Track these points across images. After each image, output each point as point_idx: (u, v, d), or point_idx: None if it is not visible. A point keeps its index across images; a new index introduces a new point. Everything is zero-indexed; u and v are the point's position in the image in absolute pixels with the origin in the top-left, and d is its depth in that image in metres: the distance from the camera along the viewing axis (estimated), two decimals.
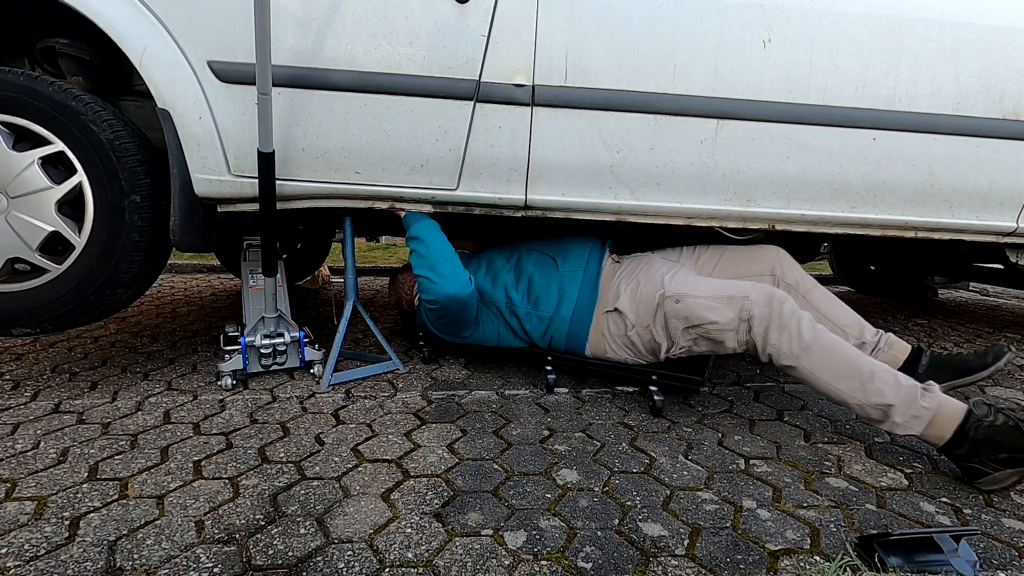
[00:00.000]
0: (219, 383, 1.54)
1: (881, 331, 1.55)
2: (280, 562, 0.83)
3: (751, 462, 1.18)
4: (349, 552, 0.85)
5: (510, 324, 1.62)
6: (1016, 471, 1.03)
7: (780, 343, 1.27)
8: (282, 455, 1.16)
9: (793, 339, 1.26)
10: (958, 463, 1.11)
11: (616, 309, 1.48)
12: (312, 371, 1.65)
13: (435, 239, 1.51)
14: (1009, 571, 0.85)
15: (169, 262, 3.61)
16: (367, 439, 1.24)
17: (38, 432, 1.24)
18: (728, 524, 0.95)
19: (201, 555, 0.84)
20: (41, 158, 1.31)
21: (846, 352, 1.23)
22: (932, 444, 1.13)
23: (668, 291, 1.41)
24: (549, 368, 1.59)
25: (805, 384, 1.29)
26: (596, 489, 1.06)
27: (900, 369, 1.39)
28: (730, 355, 1.41)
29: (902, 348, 1.51)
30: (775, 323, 1.28)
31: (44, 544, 0.86)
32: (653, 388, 1.45)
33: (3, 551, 0.84)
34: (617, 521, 0.95)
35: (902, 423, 1.13)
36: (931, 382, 1.16)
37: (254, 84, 1.26)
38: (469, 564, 0.83)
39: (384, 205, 1.52)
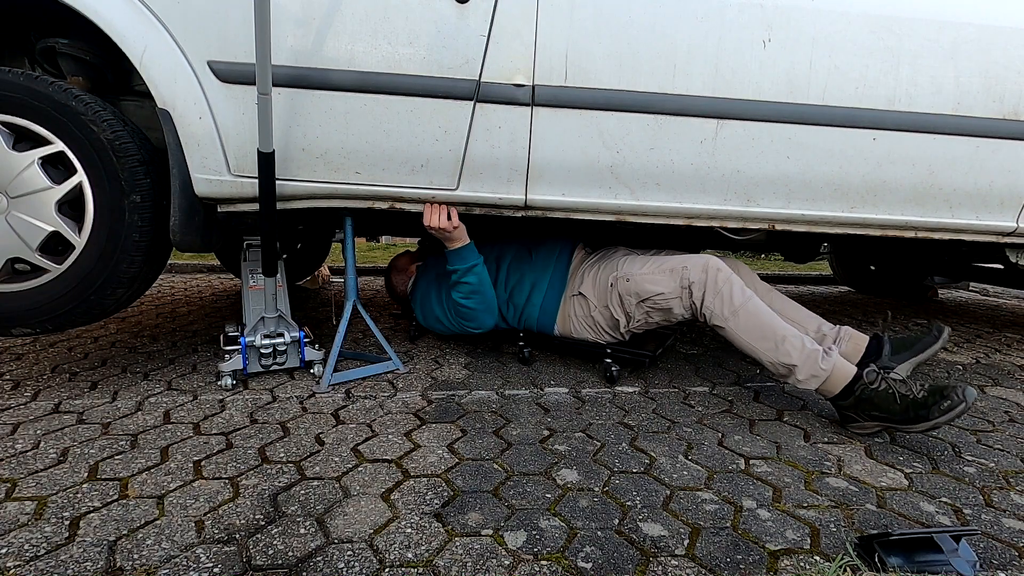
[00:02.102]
0: (219, 383, 1.54)
1: (839, 325, 1.64)
2: (280, 562, 0.83)
3: (751, 462, 1.18)
4: (349, 552, 0.85)
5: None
6: (879, 424, 1.28)
7: (713, 306, 1.46)
8: (282, 455, 1.16)
9: (725, 303, 1.44)
10: (839, 410, 1.36)
11: (580, 293, 1.69)
12: (312, 371, 1.65)
13: (487, 278, 1.68)
14: (1009, 571, 0.85)
15: (169, 262, 3.60)
16: (367, 439, 1.24)
17: (38, 432, 1.24)
18: (728, 524, 0.95)
19: (201, 555, 0.84)
20: (41, 158, 1.31)
21: (767, 318, 1.42)
22: (823, 395, 1.36)
23: (620, 272, 1.62)
24: (522, 343, 1.83)
25: (730, 342, 1.47)
26: (596, 489, 1.06)
27: (863, 357, 1.56)
28: (729, 354, 1.42)
29: (860, 339, 1.60)
30: (711, 288, 1.46)
31: (44, 544, 0.86)
32: (608, 360, 1.67)
33: (3, 551, 0.84)
34: (617, 521, 0.95)
35: (803, 380, 1.35)
36: (832, 347, 1.38)
37: (254, 84, 1.26)
38: (469, 564, 0.83)
39: (384, 205, 1.52)
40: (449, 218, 1.52)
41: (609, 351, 1.68)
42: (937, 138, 1.52)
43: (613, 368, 1.64)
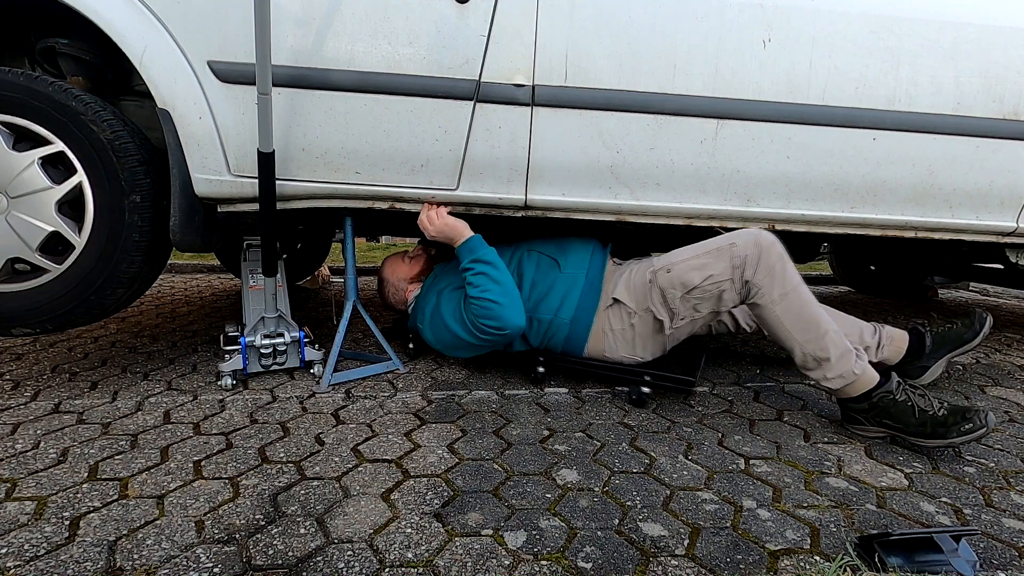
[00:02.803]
0: (219, 383, 1.54)
1: (877, 325, 1.61)
2: (280, 562, 0.83)
3: (751, 462, 1.18)
4: (349, 552, 0.85)
5: None
6: (886, 432, 1.27)
7: (763, 283, 1.33)
8: (282, 455, 1.16)
9: (776, 281, 1.33)
10: (847, 411, 1.32)
11: (615, 300, 1.50)
12: (312, 371, 1.65)
13: (504, 267, 1.48)
14: (1009, 571, 0.85)
15: (169, 262, 3.60)
16: (367, 439, 1.24)
17: (38, 432, 1.24)
18: (728, 524, 0.95)
19: (201, 555, 0.84)
20: (41, 158, 1.31)
21: (815, 307, 1.33)
22: (838, 395, 1.32)
23: (656, 266, 1.46)
24: (541, 370, 1.59)
25: (762, 324, 1.39)
26: (596, 489, 1.06)
27: (905, 355, 1.54)
28: (729, 354, 1.41)
29: (901, 340, 1.58)
30: (764, 263, 1.34)
31: (44, 544, 0.86)
32: (646, 390, 1.46)
33: (3, 551, 0.84)
34: (617, 521, 0.95)
35: (831, 378, 1.29)
36: (862, 350, 1.32)
37: (254, 84, 1.26)
38: (469, 564, 0.83)
39: (384, 205, 1.52)
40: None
41: (648, 378, 1.46)
42: (937, 138, 1.52)
43: (644, 391, 1.45)
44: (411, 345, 1.83)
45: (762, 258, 1.34)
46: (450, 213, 1.55)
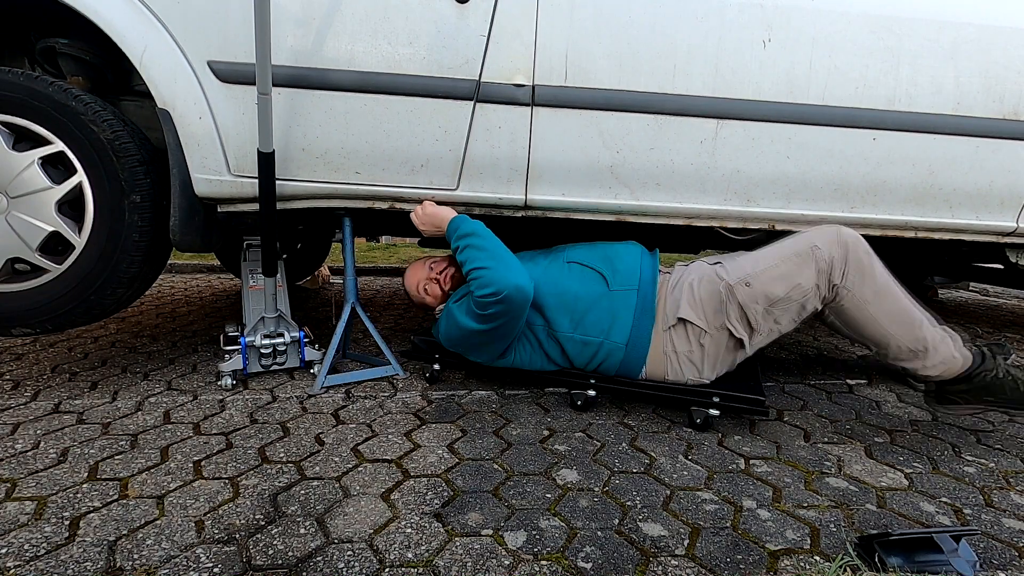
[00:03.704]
0: (219, 383, 1.54)
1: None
2: (280, 562, 0.83)
3: (751, 462, 1.18)
4: (349, 552, 0.85)
5: (545, 348, 1.43)
6: (984, 407, 1.24)
7: (854, 283, 1.25)
8: (282, 455, 1.16)
9: (867, 279, 1.24)
10: (942, 392, 1.28)
11: (681, 320, 1.33)
12: (312, 371, 1.65)
13: (492, 235, 1.39)
14: (1009, 571, 0.85)
15: (169, 262, 3.60)
16: (367, 439, 1.24)
17: (38, 432, 1.24)
18: (728, 524, 0.95)
19: (201, 555, 0.84)
20: (41, 158, 1.31)
21: (906, 300, 1.26)
22: (930, 379, 1.27)
23: (732, 279, 1.31)
24: (592, 393, 1.43)
25: (847, 323, 1.30)
26: (596, 489, 1.05)
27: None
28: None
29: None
30: (853, 263, 1.25)
31: (44, 544, 0.86)
32: (714, 412, 1.32)
33: (3, 551, 0.84)
34: (617, 521, 0.95)
35: (930, 366, 1.24)
36: (953, 332, 1.26)
37: (254, 84, 1.26)
38: (469, 564, 0.83)
39: (384, 205, 1.52)
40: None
41: (716, 399, 1.33)
42: (937, 138, 1.51)
43: (712, 414, 1.32)
44: (436, 366, 1.62)
45: (849, 258, 1.24)
46: None
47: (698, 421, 1.33)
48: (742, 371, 1.44)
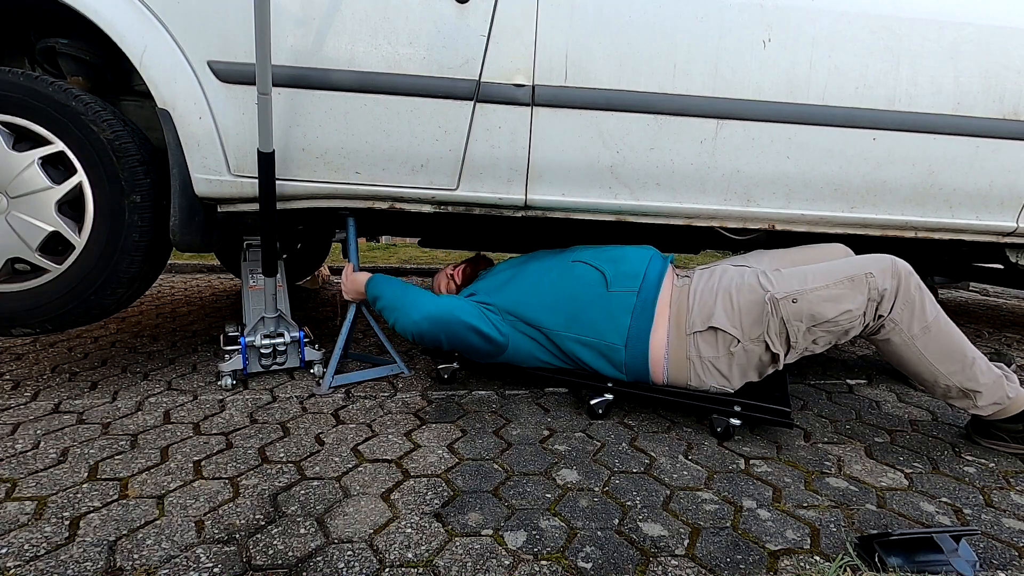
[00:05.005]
0: (219, 383, 1.54)
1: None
2: (280, 562, 0.83)
3: (751, 462, 1.18)
4: (349, 552, 0.85)
5: (545, 347, 1.45)
6: None
7: (902, 318, 1.21)
8: (282, 455, 1.16)
9: (916, 315, 1.21)
10: (991, 427, 1.26)
11: (712, 327, 1.29)
12: (312, 371, 1.65)
13: (387, 285, 1.52)
14: (1009, 571, 0.85)
15: (169, 262, 3.60)
16: (367, 439, 1.24)
17: (38, 432, 1.24)
18: (728, 524, 0.95)
19: (201, 555, 0.84)
20: (41, 158, 1.31)
21: (957, 335, 1.22)
22: (984, 416, 1.24)
23: (778, 293, 1.25)
24: (609, 397, 1.40)
25: (893, 358, 1.26)
26: (596, 489, 1.06)
27: None
28: None
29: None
30: (903, 297, 1.21)
31: (44, 544, 0.86)
32: (735, 422, 1.29)
33: (3, 551, 0.84)
34: (617, 521, 0.95)
35: (982, 406, 1.22)
36: (1009, 370, 1.25)
37: (254, 84, 1.26)
38: (469, 564, 0.83)
39: (384, 205, 1.52)
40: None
41: (739, 409, 1.29)
42: (937, 138, 1.51)
43: (734, 423, 1.29)
44: (455, 364, 1.62)
45: (900, 291, 1.21)
46: (450, 213, 1.55)
47: (719, 430, 1.30)
48: (768, 380, 1.39)
